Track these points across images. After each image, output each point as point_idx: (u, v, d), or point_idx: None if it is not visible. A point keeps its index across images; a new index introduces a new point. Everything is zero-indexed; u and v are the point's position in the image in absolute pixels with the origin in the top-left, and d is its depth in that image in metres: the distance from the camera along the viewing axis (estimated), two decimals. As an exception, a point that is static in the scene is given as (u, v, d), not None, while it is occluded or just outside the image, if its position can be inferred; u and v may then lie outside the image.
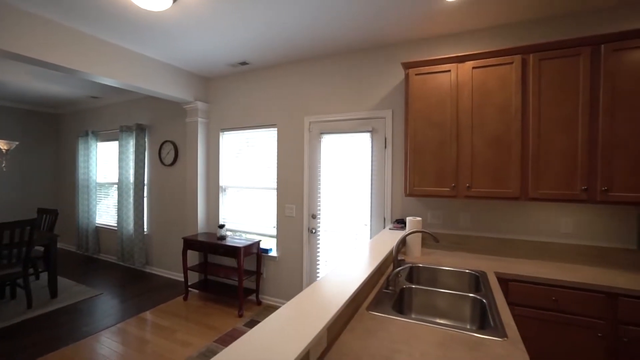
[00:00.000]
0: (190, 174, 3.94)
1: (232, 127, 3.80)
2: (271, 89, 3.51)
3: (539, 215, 2.41)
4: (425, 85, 2.39)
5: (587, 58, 2.00)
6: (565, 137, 2.05)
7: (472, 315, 1.56)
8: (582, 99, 2.01)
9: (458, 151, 2.29)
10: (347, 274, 1.50)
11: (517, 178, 2.15)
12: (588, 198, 2.01)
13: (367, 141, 2.95)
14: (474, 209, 2.58)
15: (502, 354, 1.09)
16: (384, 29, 2.58)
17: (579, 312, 1.79)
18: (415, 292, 1.68)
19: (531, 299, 1.89)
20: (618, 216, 2.22)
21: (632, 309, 1.70)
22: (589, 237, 2.29)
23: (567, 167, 2.05)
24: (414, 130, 2.43)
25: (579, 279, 1.82)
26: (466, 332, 1.21)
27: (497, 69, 2.20)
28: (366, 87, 2.98)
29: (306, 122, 3.26)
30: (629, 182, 1.93)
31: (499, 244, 2.50)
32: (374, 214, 2.92)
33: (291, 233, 3.38)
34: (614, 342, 1.74)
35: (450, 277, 1.99)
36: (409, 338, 1.20)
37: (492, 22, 2.47)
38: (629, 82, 1.92)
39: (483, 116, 2.23)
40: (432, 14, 2.35)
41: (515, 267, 2.03)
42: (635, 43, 1.90)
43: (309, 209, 3.26)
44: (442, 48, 2.69)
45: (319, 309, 1.13)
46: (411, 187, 2.43)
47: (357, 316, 1.37)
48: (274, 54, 3.14)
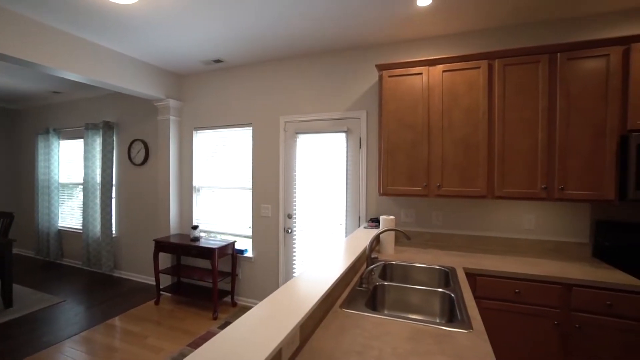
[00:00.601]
0: (162, 173, 3.80)
1: (206, 126, 3.71)
2: (246, 88, 3.46)
3: (505, 212, 2.54)
4: (398, 87, 2.45)
5: (546, 65, 2.14)
6: (527, 139, 2.18)
7: (441, 310, 1.62)
8: (542, 103, 2.15)
9: (429, 151, 2.37)
10: (321, 273, 1.51)
11: (484, 178, 2.25)
12: (547, 196, 2.15)
13: (342, 141, 2.98)
14: (445, 207, 2.68)
15: (467, 344, 1.14)
16: (358, 30, 2.62)
17: (539, 302, 1.92)
18: (388, 289, 1.73)
19: (496, 292, 2.00)
20: (573, 212, 2.39)
21: (583, 298, 1.84)
22: (548, 233, 2.45)
23: (529, 167, 2.18)
24: (387, 130, 2.49)
25: (539, 272, 1.94)
26: (435, 326, 1.26)
27: (465, 73, 2.30)
28: (341, 87, 3.01)
29: (282, 122, 3.25)
30: (581, 181, 2.08)
31: (468, 241, 2.61)
32: (349, 213, 2.96)
33: (267, 233, 3.36)
34: (567, 328, 1.87)
35: (422, 273, 2.06)
36: (381, 334, 1.23)
37: (461, 28, 2.57)
38: (580, 88, 2.07)
39: (453, 118, 2.32)
40: (405, 18, 2.41)
41: (482, 263, 2.13)
42: (584, 53, 2.05)
43: (285, 208, 3.25)
44: (414, 51, 2.77)
45: (291, 307, 1.13)
46: (385, 186, 2.49)
47: (331, 314, 1.39)
48: (248, 52, 3.10)
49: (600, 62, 2.05)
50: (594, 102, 2.06)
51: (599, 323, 1.81)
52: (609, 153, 2.03)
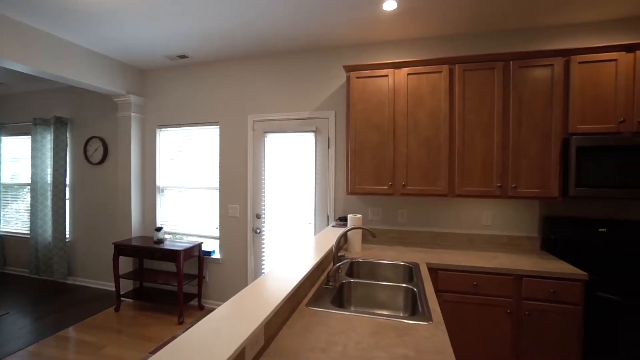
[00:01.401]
0: (123, 173, 3.60)
1: (171, 124, 3.56)
2: (214, 85, 3.37)
3: (465, 210, 2.69)
4: (365, 88, 2.51)
5: (500, 72, 2.29)
6: (485, 140, 2.32)
7: (405, 304, 1.68)
8: (497, 107, 2.30)
9: (395, 151, 2.46)
10: (287, 273, 1.51)
11: (445, 177, 2.37)
12: (502, 194, 2.30)
13: (311, 141, 2.99)
14: (410, 205, 2.78)
15: (427, 335, 1.20)
16: (327, 31, 2.64)
17: (494, 293, 2.05)
18: (355, 285, 1.76)
19: (457, 285, 2.11)
20: (524, 209, 2.59)
21: (531, 287, 1.99)
22: (503, 228, 2.62)
23: (486, 167, 2.32)
24: (354, 131, 2.54)
25: (495, 265, 2.08)
26: (397, 320, 1.31)
27: (428, 77, 2.41)
28: (310, 87, 3.02)
29: (250, 121, 3.20)
30: (531, 180, 2.25)
31: (431, 237, 2.73)
32: (318, 212, 2.98)
33: (235, 234, 3.29)
34: (519, 316, 2.02)
35: (388, 270, 2.12)
36: (346, 330, 1.25)
37: (425, 34, 2.68)
38: (530, 94, 2.24)
39: (417, 119, 2.42)
40: (372, 21, 2.47)
41: (444, 258, 2.24)
42: (533, 62, 2.23)
43: (253, 208, 3.20)
44: (381, 53, 2.85)
45: (256, 307, 1.12)
46: (352, 185, 2.54)
47: (297, 312, 1.40)
48: (216, 49, 3.02)
49: (546, 71, 2.23)
50: (541, 107, 2.24)
51: (544, 309, 1.98)
52: (553, 154, 2.21)
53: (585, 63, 2.17)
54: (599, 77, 2.15)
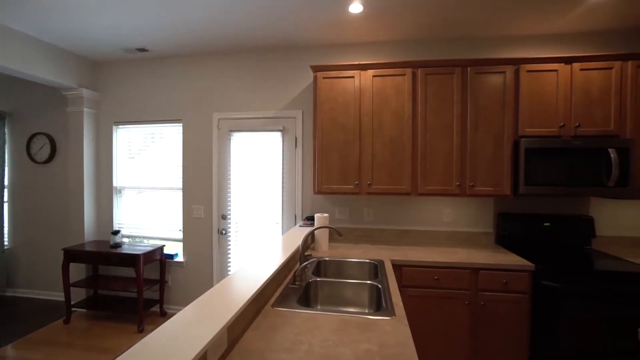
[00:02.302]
0: (74, 173, 3.33)
1: (130, 121, 3.36)
2: (176, 81, 3.23)
3: (427, 208, 2.81)
4: (332, 89, 2.54)
5: (459, 77, 2.42)
6: (445, 142, 2.44)
7: (370, 300, 1.72)
8: (456, 110, 2.42)
9: (361, 152, 2.51)
10: (253, 273, 1.49)
11: (409, 176, 2.46)
12: (460, 192, 2.43)
13: (278, 140, 2.97)
14: (376, 204, 2.86)
15: (389, 330, 1.23)
16: (294, 30, 2.64)
17: (453, 286, 2.16)
18: (321, 284, 1.77)
19: (419, 280, 2.20)
20: (481, 206, 2.76)
21: (487, 279, 2.13)
22: (462, 225, 2.78)
23: (446, 167, 2.44)
24: (321, 130, 2.55)
25: (454, 260, 2.19)
26: (362, 316, 1.34)
27: (393, 79, 2.48)
28: (277, 86, 3.00)
29: (215, 119, 3.11)
30: (486, 179, 2.40)
31: (396, 235, 2.82)
32: (285, 212, 2.97)
33: (199, 236, 3.18)
34: (475, 306, 2.15)
35: (354, 267, 2.16)
36: (312, 328, 1.25)
37: (390, 37, 2.76)
38: (485, 99, 2.39)
39: (382, 120, 2.49)
40: (338, 23, 2.50)
41: (407, 254, 2.32)
42: (488, 69, 2.39)
43: (219, 209, 3.11)
44: (348, 55, 2.90)
45: (219, 310, 1.09)
46: (319, 185, 2.55)
47: (263, 313, 1.38)
48: (178, 43, 2.89)
49: (499, 77, 2.39)
50: (495, 111, 2.39)
51: (498, 299, 2.12)
52: (506, 155, 2.38)
53: (532, 72, 2.35)
54: (543, 85, 2.35)
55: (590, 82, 2.32)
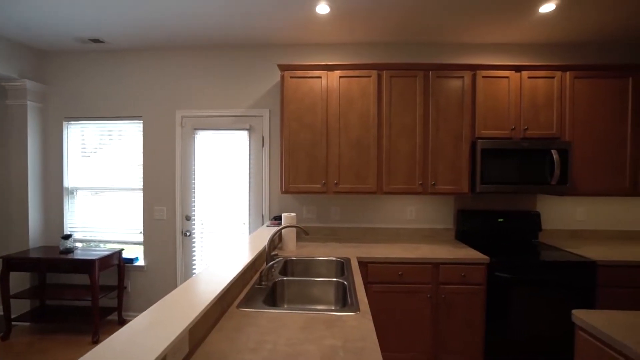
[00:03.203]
0: (17, 172, 3.04)
1: (84, 117, 3.12)
2: (137, 76, 3.06)
3: (392, 206, 2.90)
4: (299, 88, 2.54)
5: (421, 80, 2.52)
6: (408, 142, 2.54)
7: (336, 297, 1.74)
8: (418, 112, 2.53)
9: (327, 151, 2.53)
10: (217, 275, 1.45)
11: (374, 175, 2.53)
12: (423, 190, 2.54)
13: (244, 139, 2.92)
14: (343, 203, 2.90)
15: (354, 325, 1.26)
16: (263, 29, 2.60)
17: (416, 281, 2.25)
18: (288, 283, 1.77)
19: (384, 276, 2.26)
20: (442, 204, 2.90)
21: (447, 273, 2.25)
22: (425, 221, 2.90)
23: (409, 166, 2.54)
24: (288, 130, 2.55)
25: (417, 255, 2.28)
26: (327, 313, 1.35)
27: (359, 80, 2.53)
28: (244, 84, 2.95)
29: (178, 116, 2.99)
30: (447, 178, 2.53)
31: (362, 233, 2.89)
32: (252, 212, 2.92)
33: (162, 238, 3.04)
34: (437, 299, 2.26)
35: (321, 266, 2.18)
36: (277, 327, 1.25)
37: (357, 39, 2.82)
38: (445, 102, 2.52)
39: (348, 120, 2.53)
40: (306, 23, 2.51)
41: (373, 251, 2.38)
42: (448, 73, 2.51)
43: (183, 210, 3.00)
44: (316, 55, 2.92)
45: (180, 313, 1.05)
46: (286, 184, 2.55)
47: (228, 314, 1.35)
48: (139, 36, 2.74)
49: (458, 82, 2.53)
50: (454, 114, 2.53)
51: (457, 291, 2.25)
52: (464, 155, 2.52)
53: (487, 77, 2.52)
54: (497, 90, 2.52)
55: (536, 89, 2.52)
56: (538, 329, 2.22)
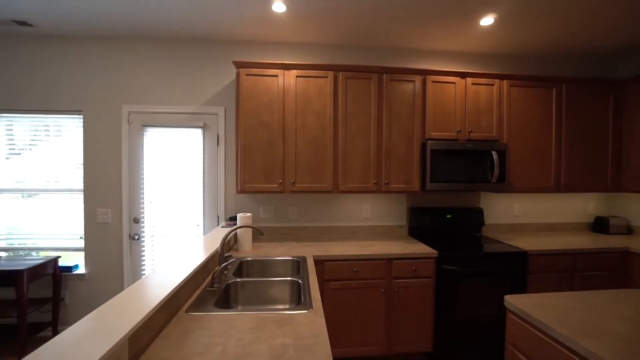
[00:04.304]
0: None
1: (10, 109, 2.78)
2: (77, 66, 2.79)
3: (348, 204, 2.97)
4: (255, 86, 2.50)
5: (376, 82, 2.61)
6: (363, 142, 2.61)
7: (291, 296, 1.75)
8: (373, 113, 2.61)
9: (284, 150, 2.53)
10: (164, 278, 1.38)
11: (330, 175, 2.57)
12: (377, 189, 2.63)
13: (198, 137, 2.81)
14: (300, 202, 2.91)
15: (306, 322, 1.27)
16: (218, 24, 2.52)
17: (370, 276, 2.33)
18: (242, 285, 1.74)
19: (340, 273, 2.31)
20: (396, 202, 3.03)
21: (399, 268, 2.36)
22: (380, 219, 3.01)
23: (364, 166, 2.62)
24: (244, 128, 2.50)
25: (371, 252, 2.36)
26: (280, 312, 1.35)
27: (315, 80, 2.56)
28: (199, 80, 2.83)
29: (125, 112, 2.79)
30: (400, 177, 2.65)
31: (319, 232, 2.92)
32: (207, 213, 2.82)
33: (106, 242, 2.81)
34: (390, 293, 2.36)
35: (278, 265, 2.17)
36: (228, 329, 1.22)
37: (314, 39, 2.85)
38: (398, 104, 2.64)
39: (305, 120, 2.55)
40: (263, 20, 2.48)
41: (329, 250, 2.42)
42: (400, 77, 2.64)
43: (130, 212, 2.80)
44: (273, 53, 2.89)
45: (119, 321, 0.99)
46: (242, 184, 2.49)
47: (175, 319, 1.29)
48: (79, 23, 2.51)
49: (410, 85, 2.66)
50: (406, 115, 2.65)
51: (409, 285, 2.36)
52: (415, 155, 2.66)
53: (436, 82, 2.68)
54: (445, 95, 2.69)
55: (479, 95, 2.74)
56: (481, 313, 2.41)
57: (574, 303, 1.48)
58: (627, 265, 2.60)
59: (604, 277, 2.57)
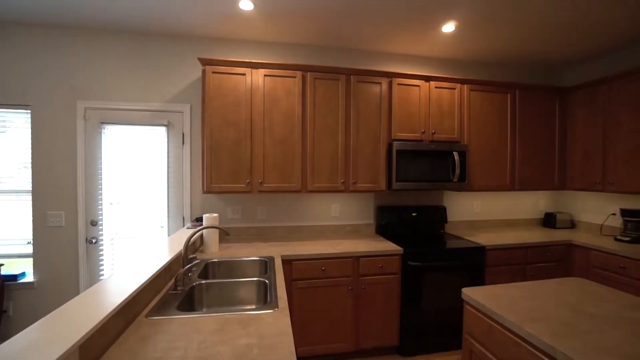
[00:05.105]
0: None
1: (-59, 102, 2.52)
2: (24, 56, 2.57)
3: (317, 204, 3.00)
4: (222, 85, 2.45)
5: (344, 83, 2.66)
6: (331, 142, 2.65)
7: (258, 296, 1.73)
8: (341, 114, 2.66)
9: (252, 150, 2.50)
10: (121, 283, 1.32)
11: (298, 174, 2.58)
12: (345, 189, 2.68)
13: (163, 136, 2.70)
14: (269, 202, 2.90)
15: (270, 322, 1.27)
16: (184, 19, 2.44)
17: (338, 274, 2.37)
18: (207, 286, 1.70)
19: (308, 272, 2.32)
20: (363, 201, 3.10)
21: (366, 265, 2.41)
22: (348, 218, 3.06)
23: (332, 165, 2.65)
24: (210, 127, 2.44)
25: (339, 250, 2.40)
26: (244, 312, 1.34)
27: (284, 80, 2.55)
28: (163, 77, 2.72)
29: (80, 107, 2.61)
30: (367, 177, 2.71)
31: (288, 231, 2.92)
32: (172, 214, 2.72)
33: (59, 248, 2.62)
34: (357, 290, 2.41)
35: (245, 266, 2.14)
36: (190, 332, 1.19)
37: (282, 39, 2.84)
38: (365, 105, 2.70)
39: (273, 120, 2.53)
40: (230, 17, 2.44)
41: (297, 249, 2.43)
42: (367, 79, 2.70)
43: (87, 214, 2.64)
44: (241, 51, 2.85)
45: (69, 330, 0.93)
46: (208, 184, 2.43)
47: (134, 325, 1.24)
48: (26, 7, 2.32)
49: (376, 87, 2.73)
50: (373, 117, 2.72)
51: (375, 281, 2.43)
52: (382, 156, 2.74)
53: (401, 85, 2.77)
54: (410, 97, 2.79)
55: (441, 98, 2.87)
56: (444, 306, 2.53)
57: (523, 293, 1.60)
58: (570, 256, 2.85)
59: (551, 268, 2.80)
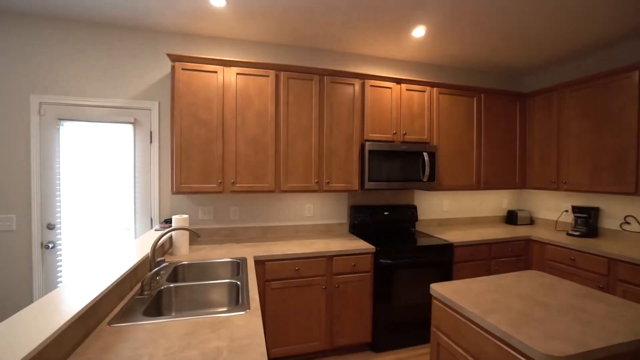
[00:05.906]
0: None
1: None
2: (-34, 46, 2.36)
3: (290, 204, 2.99)
4: (192, 82, 2.38)
5: (317, 84, 2.67)
6: (304, 142, 2.65)
7: (229, 298, 1.70)
8: (314, 114, 2.67)
9: (224, 149, 2.45)
10: (81, 290, 1.25)
11: (272, 174, 2.56)
12: (319, 188, 2.69)
13: (129, 134, 2.58)
14: (241, 202, 2.85)
15: (242, 324, 1.26)
16: (153, 12, 2.34)
17: (312, 274, 2.38)
18: (175, 290, 1.65)
19: (282, 272, 2.32)
20: (337, 200, 3.13)
21: (339, 264, 2.44)
22: (322, 217, 3.08)
23: (305, 165, 2.65)
24: (180, 126, 2.36)
25: (312, 250, 2.41)
26: (214, 315, 1.31)
27: (257, 79, 2.52)
28: (130, 71, 2.60)
29: (34, 102, 2.43)
30: (340, 176, 2.74)
31: (261, 232, 2.89)
32: (139, 216, 2.60)
33: (9, 254, 2.42)
34: (331, 289, 2.44)
35: (217, 268, 2.10)
36: (157, 338, 1.15)
37: (255, 37, 2.80)
38: (339, 106, 2.73)
39: (245, 118, 2.50)
40: (201, 13, 2.37)
41: (271, 249, 2.41)
42: (340, 80, 2.73)
43: (43, 217, 2.46)
44: (212, 49, 2.78)
45: (19, 342, 0.87)
46: (178, 184, 2.35)
47: (95, 334, 1.18)
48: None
49: (350, 88, 2.77)
50: (346, 117, 2.76)
51: (348, 280, 2.46)
52: (355, 156, 2.78)
53: (374, 87, 2.83)
54: (382, 98, 2.85)
55: (412, 100, 2.96)
56: (415, 301, 2.62)
57: (486, 286, 1.69)
58: (529, 250, 3.04)
59: (513, 262, 2.98)
